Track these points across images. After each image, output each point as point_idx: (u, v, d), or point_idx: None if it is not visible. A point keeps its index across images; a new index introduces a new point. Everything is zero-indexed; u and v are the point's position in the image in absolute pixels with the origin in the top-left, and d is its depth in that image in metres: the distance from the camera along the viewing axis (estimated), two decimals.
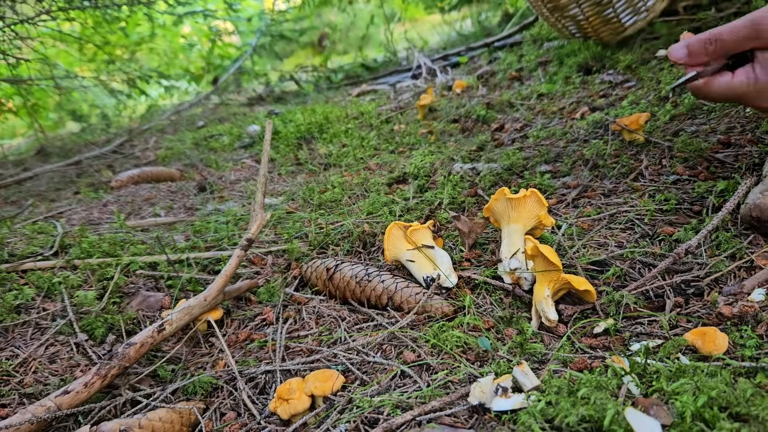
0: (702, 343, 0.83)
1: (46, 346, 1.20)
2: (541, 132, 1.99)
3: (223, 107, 4.84)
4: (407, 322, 1.08)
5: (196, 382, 1.04)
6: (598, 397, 0.70)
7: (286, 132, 2.92)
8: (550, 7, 2.58)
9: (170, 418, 0.93)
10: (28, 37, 3.62)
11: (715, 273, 1.05)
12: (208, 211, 2.08)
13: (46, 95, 4.94)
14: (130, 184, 2.77)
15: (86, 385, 0.97)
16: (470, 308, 1.08)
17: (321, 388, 0.90)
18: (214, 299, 1.23)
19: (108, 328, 1.26)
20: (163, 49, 6.41)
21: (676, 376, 0.74)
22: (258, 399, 1.00)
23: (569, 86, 2.43)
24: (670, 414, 0.68)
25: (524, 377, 0.79)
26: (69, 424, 0.97)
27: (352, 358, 1.02)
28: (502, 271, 1.14)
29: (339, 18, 7.34)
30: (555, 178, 1.62)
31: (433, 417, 0.79)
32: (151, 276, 1.48)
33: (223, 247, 1.62)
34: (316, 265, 1.34)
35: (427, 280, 1.17)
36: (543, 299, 1.01)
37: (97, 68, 5.37)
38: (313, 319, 1.21)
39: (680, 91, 1.86)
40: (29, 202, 2.60)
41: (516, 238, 1.16)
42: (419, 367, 0.95)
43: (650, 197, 1.36)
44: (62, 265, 1.48)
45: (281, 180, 2.37)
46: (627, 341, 0.93)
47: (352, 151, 2.42)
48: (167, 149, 3.47)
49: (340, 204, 1.81)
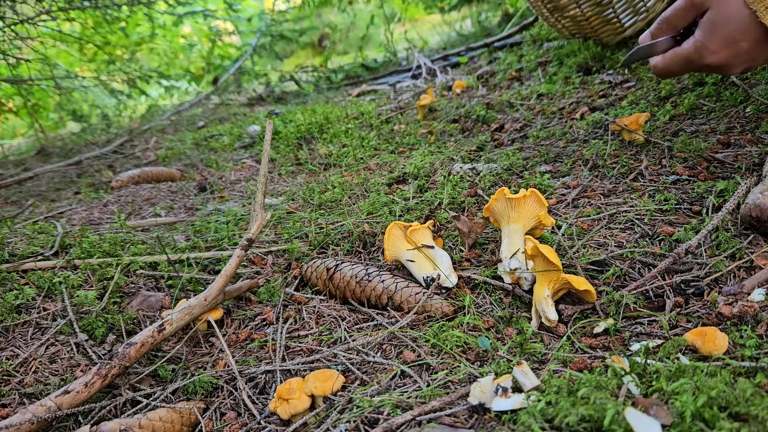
0: (702, 343, 0.84)
1: (46, 345, 1.20)
2: (541, 132, 1.99)
3: (224, 107, 4.84)
4: (407, 321, 1.08)
5: (197, 381, 1.04)
6: (598, 396, 0.70)
7: (286, 132, 2.92)
8: (550, 7, 2.58)
9: (170, 418, 0.93)
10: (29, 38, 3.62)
11: (715, 273, 1.05)
12: (209, 211, 2.08)
13: (46, 95, 4.94)
14: (131, 184, 2.77)
15: (86, 385, 0.97)
16: (470, 308, 1.08)
17: (321, 388, 0.90)
18: (215, 299, 1.23)
19: (108, 327, 1.26)
20: (164, 50, 6.41)
21: (676, 376, 0.74)
22: (258, 399, 1.00)
23: (569, 86, 2.44)
24: (670, 414, 0.68)
25: (524, 377, 0.80)
26: (69, 424, 0.97)
27: (352, 358, 1.02)
28: (502, 271, 1.14)
29: (339, 18, 7.35)
30: (555, 178, 1.62)
31: (433, 417, 0.79)
32: (151, 276, 1.48)
33: (223, 247, 1.62)
34: (316, 265, 1.34)
35: (427, 280, 1.17)
36: (543, 299, 1.01)
37: (98, 68, 5.37)
38: (313, 319, 1.21)
39: (632, 64, 2.10)
40: (30, 202, 2.61)
41: (516, 238, 1.16)
42: (419, 367, 0.95)
43: (650, 197, 1.36)
44: (63, 265, 1.48)
45: (281, 180, 2.37)
46: (627, 341, 0.93)
47: (352, 151, 2.43)
48: (167, 149, 3.47)
49: (341, 204, 1.81)
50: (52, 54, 4.98)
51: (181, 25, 6.10)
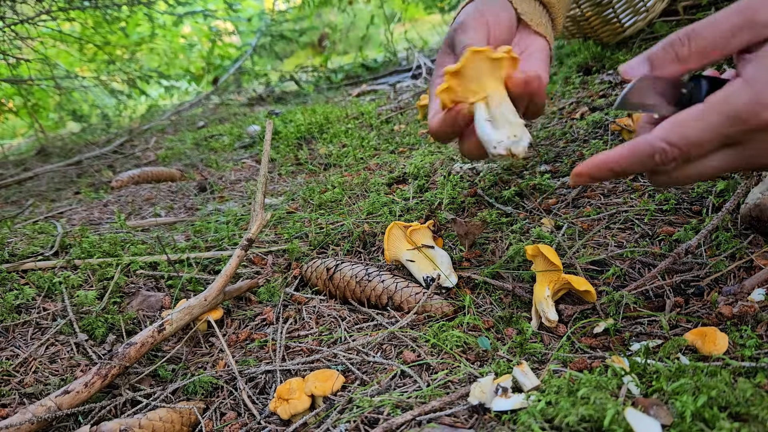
0: (702, 343, 0.84)
1: (46, 345, 1.20)
2: (541, 132, 1.99)
3: (224, 107, 4.84)
4: (407, 321, 1.08)
5: (197, 381, 1.04)
6: (598, 397, 0.70)
7: (286, 132, 2.92)
8: None
9: (170, 418, 0.93)
10: (29, 38, 3.62)
11: (715, 273, 1.05)
12: (209, 211, 2.08)
13: (46, 95, 4.94)
14: (131, 184, 2.77)
15: (86, 385, 0.97)
16: (470, 308, 1.08)
17: (321, 388, 0.90)
18: (215, 299, 1.23)
19: (108, 327, 1.26)
20: (164, 50, 6.41)
21: (676, 376, 0.74)
22: (258, 399, 1.00)
23: (569, 86, 2.44)
24: (670, 414, 0.68)
25: (524, 377, 0.80)
26: (69, 424, 0.97)
27: (352, 358, 1.02)
28: (493, 153, 0.85)
29: (339, 18, 7.35)
30: (555, 178, 1.62)
31: (433, 417, 0.79)
32: (151, 276, 1.48)
33: (223, 247, 1.62)
34: (316, 265, 1.34)
35: (427, 280, 1.17)
36: (543, 299, 1.01)
37: (98, 68, 5.37)
38: (313, 319, 1.21)
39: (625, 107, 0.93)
40: (30, 202, 2.61)
41: (503, 104, 0.86)
42: (419, 367, 0.95)
43: (650, 197, 1.36)
44: (63, 265, 1.48)
45: (281, 180, 2.37)
46: (627, 341, 0.93)
47: (352, 151, 2.43)
48: (167, 149, 3.47)
49: (340, 204, 1.81)
50: (52, 54, 4.98)
51: (181, 25, 6.10)
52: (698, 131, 0.58)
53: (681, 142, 0.58)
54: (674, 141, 0.60)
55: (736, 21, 0.62)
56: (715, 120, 0.58)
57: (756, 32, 0.61)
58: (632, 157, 0.63)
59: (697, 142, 0.58)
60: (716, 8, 2.29)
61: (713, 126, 0.58)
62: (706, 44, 0.64)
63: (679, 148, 0.59)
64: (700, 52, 0.64)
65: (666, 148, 0.60)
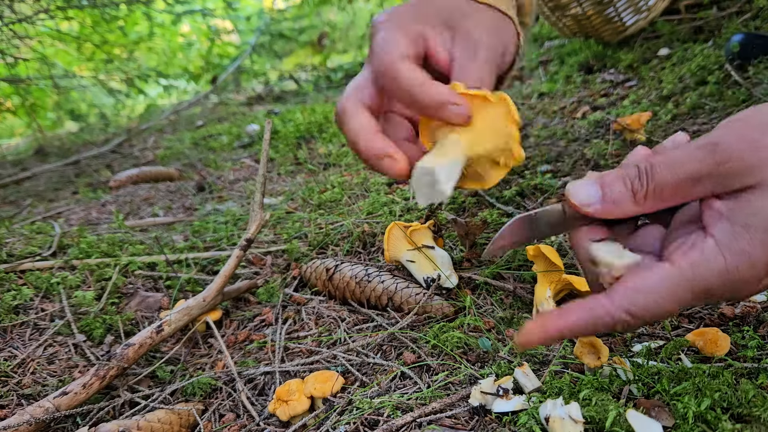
0: (704, 343, 0.83)
1: (44, 346, 1.19)
2: (542, 131, 1.98)
3: (222, 107, 4.83)
4: (407, 322, 1.08)
5: (195, 383, 1.04)
6: (600, 398, 0.69)
7: (285, 131, 2.92)
8: (551, 6, 2.57)
9: (169, 420, 0.93)
10: (27, 37, 3.61)
11: None
12: (207, 211, 2.08)
13: (44, 95, 4.93)
14: (129, 184, 2.76)
15: (85, 386, 0.96)
16: (471, 309, 1.07)
17: (320, 390, 0.90)
18: (213, 300, 1.22)
19: (106, 328, 1.26)
20: (162, 48, 6.39)
21: (678, 378, 0.73)
22: (257, 400, 0.99)
23: (570, 85, 2.43)
24: (671, 416, 0.67)
25: (525, 378, 0.79)
26: (67, 426, 0.97)
27: (352, 359, 1.01)
28: None
29: (339, 17, 7.33)
30: (556, 177, 1.61)
31: (433, 419, 0.78)
32: (149, 276, 1.47)
33: (222, 247, 1.61)
34: (315, 266, 1.33)
35: (428, 280, 1.16)
36: (544, 300, 1.00)
37: (96, 67, 5.36)
38: (312, 320, 1.20)
39: None
40: (27, 202, 2.60)
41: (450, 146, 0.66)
42: (419, 368, 0.95)
43: None
44: (61, 265, 1.47)
45: (280, 180, 2.36)
46: (629, 342, 0.92)
47: (351, 150, 2.42)
48: (166, 149, 3.46)
49: (340, 204, 1.81)
50: (51, 53, 4.96)
51: (179, 23, 6.08)
52: (664, 303, 0.53)
53: (645, 314, 0.54)
54: (637, 313, 0.54)
55: (698, 168, 0.53)
56: (681, 295, 0.53)
57: (721, 184, 0.53)
58: (590, 327, 0.56)
59: (662, 313, 0.54)
60: (717, 7, 2.29)
61: (680, 299, 0.53)
62: (664, 189, 0.55)
63: (642, 318, 0.54)
64: (658, 197, 0.56)
65: (628, 320, 0.54)
